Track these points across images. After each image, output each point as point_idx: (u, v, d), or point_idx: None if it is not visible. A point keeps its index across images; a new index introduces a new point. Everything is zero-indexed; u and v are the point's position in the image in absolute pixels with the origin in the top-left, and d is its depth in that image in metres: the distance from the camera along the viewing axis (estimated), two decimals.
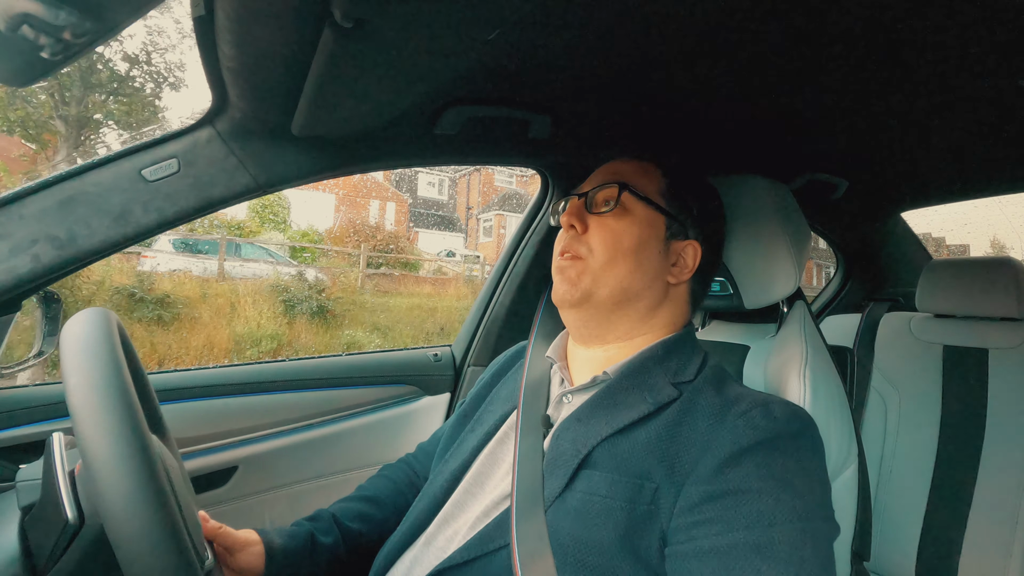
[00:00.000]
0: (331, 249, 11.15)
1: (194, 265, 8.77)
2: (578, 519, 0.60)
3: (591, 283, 0.72)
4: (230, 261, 9.27)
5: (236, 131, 0.88)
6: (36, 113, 8.11)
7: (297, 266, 9.98)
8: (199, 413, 1.14)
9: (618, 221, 0.73)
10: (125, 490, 0.45)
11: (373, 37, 0.58)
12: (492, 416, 0.79)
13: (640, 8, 0.66)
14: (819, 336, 0.91)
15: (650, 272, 0.73)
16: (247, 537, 0.72)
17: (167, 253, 8.78)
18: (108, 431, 0.47)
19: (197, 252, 9.08)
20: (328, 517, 0.81)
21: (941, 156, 1.23)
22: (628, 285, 0.72)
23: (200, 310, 7.70)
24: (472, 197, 18.17)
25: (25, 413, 0.96)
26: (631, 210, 0.73)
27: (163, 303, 7.27)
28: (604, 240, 0.72)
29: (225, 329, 7.68)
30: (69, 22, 0.46)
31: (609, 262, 0.71)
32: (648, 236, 0.73)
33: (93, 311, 0.58)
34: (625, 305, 0.73)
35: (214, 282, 8.56)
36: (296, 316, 8.24)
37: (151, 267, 8.39)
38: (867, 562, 0.95)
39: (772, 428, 0.60)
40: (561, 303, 0.74)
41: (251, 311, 8.00)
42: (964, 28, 0.69)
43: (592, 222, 0.74)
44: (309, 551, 0.75)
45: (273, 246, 10.55)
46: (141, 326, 7.01)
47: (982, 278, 1.35)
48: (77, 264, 0.82)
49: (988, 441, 1.28)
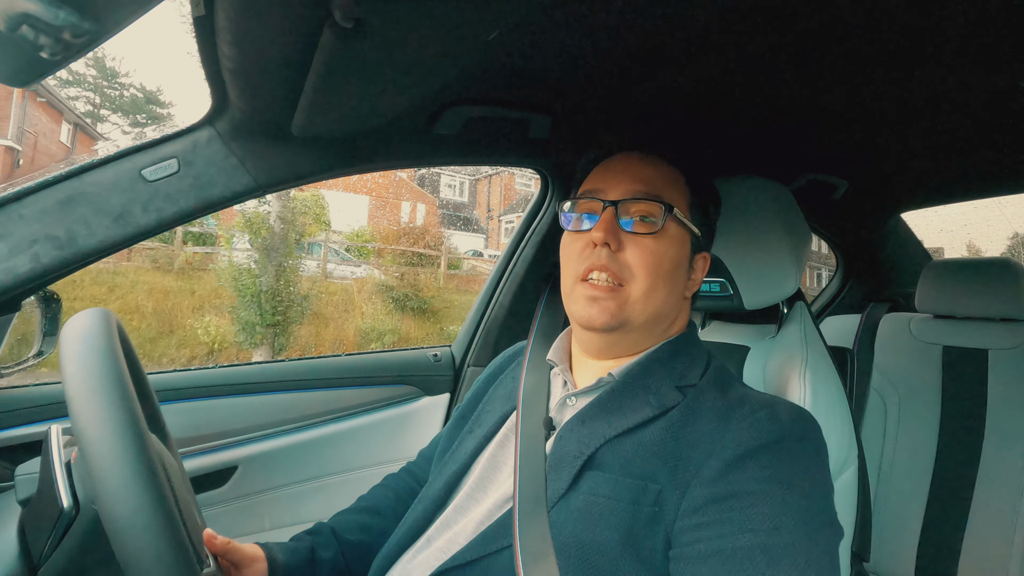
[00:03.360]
0: (394, 248, 11.40)
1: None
2: (582, 520, 0.60)
3: (629, 312, 0.68)
4: (313, 260, 9.58)
5: (236, 131, 0.88)
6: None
7: (357, 264, 10.31)
8: (199, 413, 1.14)
9: (658, 242, 0.68)
10: (118, 473, 0.45)
11: (373, 37, 0.58)
12: (490, 417, 0.79)
13: (640, 9, 0.66)
14: (819, 337, 0.91)
15: (678, 292, 0.72)
16: (253, 553, 0.71)
17: (245, 251, 8.97)
18: (103, 414, 0.47)
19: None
20: (328, 531, 0.80)
21: (941, 157, 1.23)
22: (663, 310, 0.70)
23: (322, 307, 8.08)
24: (493, 199, 18.41)
25: (25, 413, 0.96)
26: (668, 229, 0.69)
27: (305, 301, 7.58)
28: (646, 265, 0.67)
29: (350, 324, 8.10)
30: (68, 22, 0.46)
31: (650, 289, 0.68)
32: (681, 256, 0.71)
33: (93, 311, 0.58)
34: (654, 327, 0.72)
35: (321, 281, 8.97)
36: (404, 312, 8.72)
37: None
38: (867, 563, 0.95)
39: (777, 431, 0.60)
40: (591, 328, 0.69)
41: (367, 307, 8.47)
42: (964, 28, 0.69)
43: (627, 240, 0.68)
44: (311, 567, 0.75)
45: (334, 245, 10.81)
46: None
47: (982, 279, 1.35)
48: (77, 264, 0.82)
49: (988, 441, 1.28)
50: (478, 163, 1.26)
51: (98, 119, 19.54)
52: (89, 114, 18.98)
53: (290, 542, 0.77)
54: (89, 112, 19.10)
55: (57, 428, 0.60)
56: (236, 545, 0.69)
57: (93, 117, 19.03)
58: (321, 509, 1.21)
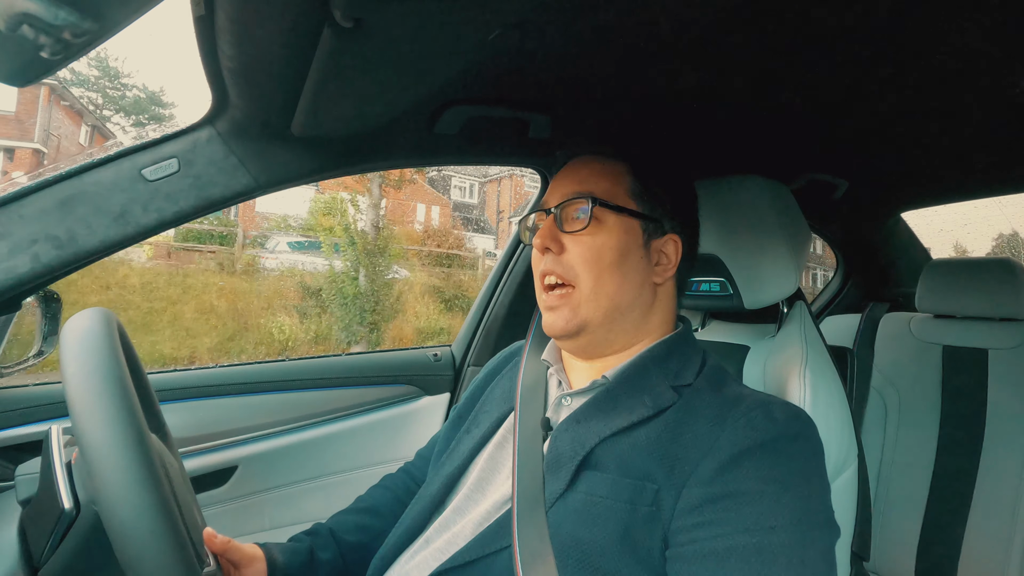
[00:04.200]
0: (423, 250, 11.59)
1: (320, 264, 9.15)
2: (579, 520, 0.60)
3: (584, 312, 0.70)
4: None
5: (236, 131, 0.88)
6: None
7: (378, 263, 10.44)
8: (199, 413, 1.14)
9: (594, 236, 0.70)
10: (119, 474, 0.45)
11: (373, 37, 0.58)
12: (488, 418, 0.79)
13: (640, 8, 0.66)
14: (819, 336, 0.91)
15: (636, 280, 0.72)
16: (253, 553, 0.71)
17: (285, 254, 9.26)
18: (103, 415, 0.47)
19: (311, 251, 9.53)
20: (326, 532, 0.80)
21: (941, 156, 1.23)
22: (619, 301, 0.70)
23: (392, 307, 8.25)
24: (503, 201, 18.51)
25: (25, 413, 0.96)
26: (605, 221, 0.70)
27: (397, 302, 7.89)
28: (585, 260, 0.70)
29: (407, 323, 8.29)
30: (68, 22, 0.46)
31: (596, 283, 0.69)
32: (628, 244, 0.71)
33: (93, 311, 0.58)
34: (619, 320, 0.72)
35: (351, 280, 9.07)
36: (453, 311, 8.93)
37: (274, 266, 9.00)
38: (867, 562, 0.95)
39: (772, 430, 0.60)
40: (556, 336, 0.73)
41: (419, 306, 8.68)
42: (964, 28, 0.69)
43: (567, 241, 0.71)
44: (309, 568, 0.75)
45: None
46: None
47: (982, 278, 1.35)
48: (77, 264, 0.82)
49: (988, 441, 1.28)
50: (478, 163, 1.26)
51: (101, 119, 19.57)
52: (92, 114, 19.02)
53: (289, 543, 0.77)
54: (92, 112, 19.13)
55: (57, 428, 0.60)
56: (236, 544, 0.69)
57: (96, 117, 19.06)
58: (321, 509, 1.21)
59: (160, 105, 20.93)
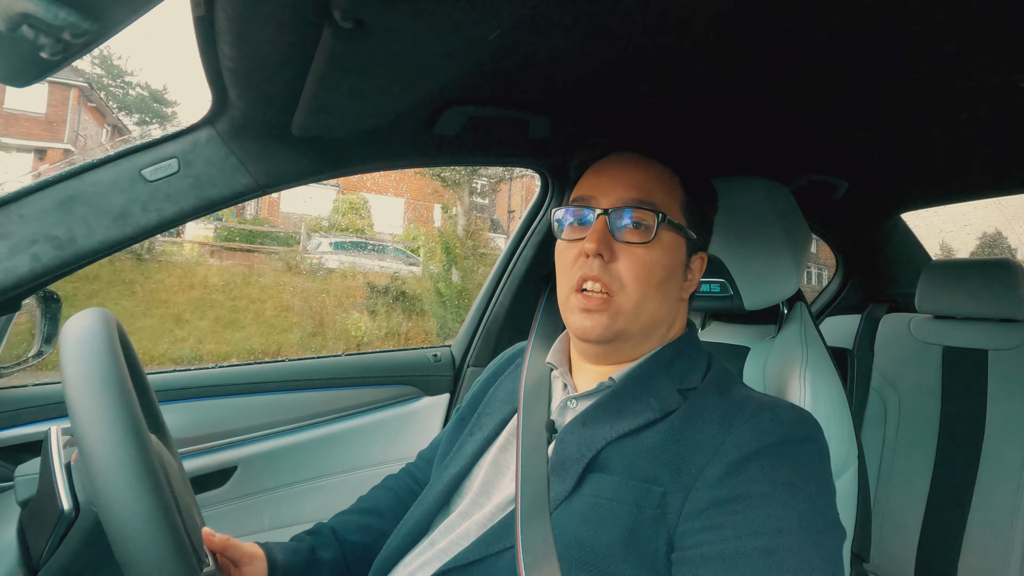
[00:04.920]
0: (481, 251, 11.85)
1: (366, 263, 9.43)
2: (584, 522, 0.60)
3: (623, 323, 0.68)
4: (395, 261, 9.99)
5: (236, 131, 0.88)
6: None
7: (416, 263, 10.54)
8: (199, 413, 1.14)
9: (650, 251, 0.67)
10: (118, 475, 0.45)
11: (373, 37, 0.58)
12: (491, 420, 0.79)
13: (640, 9, 0.66)
14: (819, 337, 0.91)
15: (673, 297, 0.71)
16: (252, 551, 0.71)
17: (328, 253, 9.38)
18: (103, 417, 0.47)
19: (359, 251, 9.80)
20: (328, 532, 0.80)
21: (941, 157, 1.23)
22: (657, 317, 0.70)
23: (421, 304, 8.45)
24: (514, 200, 18.67)
25: (24, 413, 0.96)
26: (662, 237, 0.68)
27: (411, 298, 8.15)
28: (637, 275, 0.67)
29: (456, 322, 8.57)
30: (68, 22, 0.46)
31: (642, 299, 0.67)
32: (675, 262, 0.70)
33: (92, 311, 0.58)
34: (651, 333, 0.71)
35: (412, 280, 9.28)
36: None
37: (318, 265, 9.14)
38: (867, 563, 0.95)
39: (779, 433, 0.59)
40: (588, 340, 0.70)
41: (464, 306, 8.93)
42: (964, 29, 0.69)
43: (619, 250, 0.67)
44: (310, 568, 0.74)
45: (398, 245, 11.08)
46: (409, 319, 7.99)
47: (981, 279, 1.35)
48: (76, 264, 0.82)
49: (987, 442, 1.28)
50: (478, 163, 1.26)
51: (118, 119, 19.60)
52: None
53: (290, 542, 0.77)
54: (112, 111, 19.17)
55: (57, 429, 0.60)
56: (235, 543, 0.69)
57: (115, 116, 19.10)
58: (321, 509, 1.21)
59: (163, 103, 20.91)
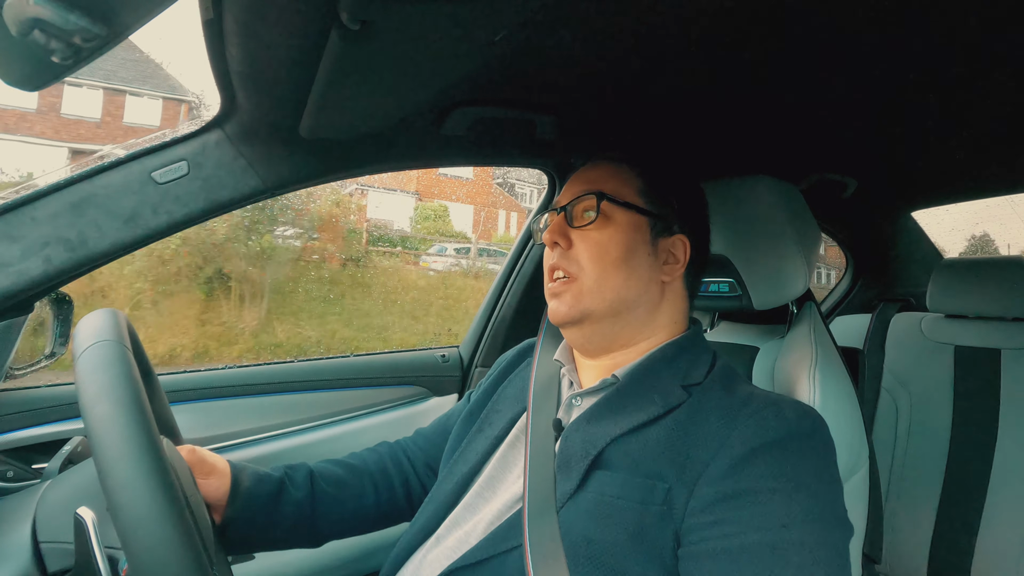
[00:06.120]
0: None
1: (490, 267, 9.67)
2: (591, 519, 0.60)
3: (588, 301, 0.71)
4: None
5: (245, 133, 0.89)
6: None
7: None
8: (209, 414, 1.15)
9: (601, 232, 0.72)
10: (133, 484, 0.45)
11: (380, 39, 0.58)
12: (501, 418, 0.79)
13: (646, 7, 0.66)
14: (829, 337, 0.90)
15: (643, 276, 0.72)
16: (214, 464, 0.71)
17: (447, 257, 9.92)
18: (118, 432, 0.47)
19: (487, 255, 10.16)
20: (305, 473, 0.80)
21: (952, 154, 1.22)
22: (624, 295, 0.71)
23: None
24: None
25: (38, 414, 0.97)
26: (612, 217, 0.72)
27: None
28: (591, 254, 0.71)
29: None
30: (79, 26, 0.47)
31: (601, 276, 0.71)
32: (634, 240, 0.72)
33: (104, 312, 0.59)
34: (624, 314, 0.72)
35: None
36: None
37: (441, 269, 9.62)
38: (878, 565, 0.94)
39: (784, 428, 0.60)
40: (560, 323, 0.74)
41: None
42: (973, 25, 0.69)
43: (575, 236, 0.73)
44: (274, 501, 0.74)
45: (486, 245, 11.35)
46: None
47: (994, 278, 1.34)
48: (88, 266, 0.83)
49: (1000, 441, 1.27)
50: (485, 163, 1.26)
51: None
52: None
53: (262, 470, 0.77)
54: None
55: (91, 514, 0.56)
56: (201, 451, 0.71)
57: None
58: None
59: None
